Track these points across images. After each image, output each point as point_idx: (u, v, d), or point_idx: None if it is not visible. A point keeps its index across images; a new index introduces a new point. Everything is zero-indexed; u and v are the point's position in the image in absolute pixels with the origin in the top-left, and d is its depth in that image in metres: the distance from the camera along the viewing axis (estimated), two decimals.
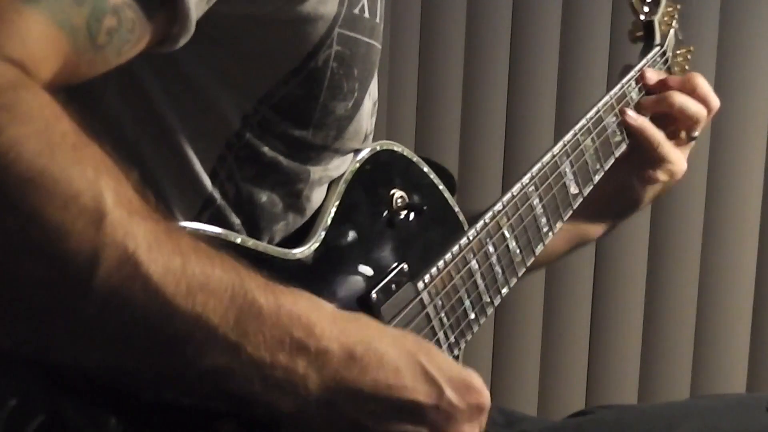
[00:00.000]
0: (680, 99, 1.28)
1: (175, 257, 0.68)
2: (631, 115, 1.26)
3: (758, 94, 2.18)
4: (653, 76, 1.30)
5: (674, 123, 1.30)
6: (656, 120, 1.29)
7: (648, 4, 1.37)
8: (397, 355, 0.78)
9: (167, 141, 0.87)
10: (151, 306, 0.67)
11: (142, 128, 0.86)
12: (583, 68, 2.28)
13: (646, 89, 1.30)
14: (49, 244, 0.63)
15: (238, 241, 0.84)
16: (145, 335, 0.68)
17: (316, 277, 0.90)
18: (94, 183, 0.65)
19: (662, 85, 1.30)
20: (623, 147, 1.27)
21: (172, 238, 0.69)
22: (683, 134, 1.31)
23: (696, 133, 1.32)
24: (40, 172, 0.62)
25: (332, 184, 0.97)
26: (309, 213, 0.96)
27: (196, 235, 0.74)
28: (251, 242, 0.86)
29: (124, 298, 0.66)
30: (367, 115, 1.00)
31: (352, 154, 0.99)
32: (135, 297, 0.66)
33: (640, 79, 1.29)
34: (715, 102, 1.30)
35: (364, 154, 0.98)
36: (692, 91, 1.29)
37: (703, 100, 1.29)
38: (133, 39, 0.72)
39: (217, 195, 0.89)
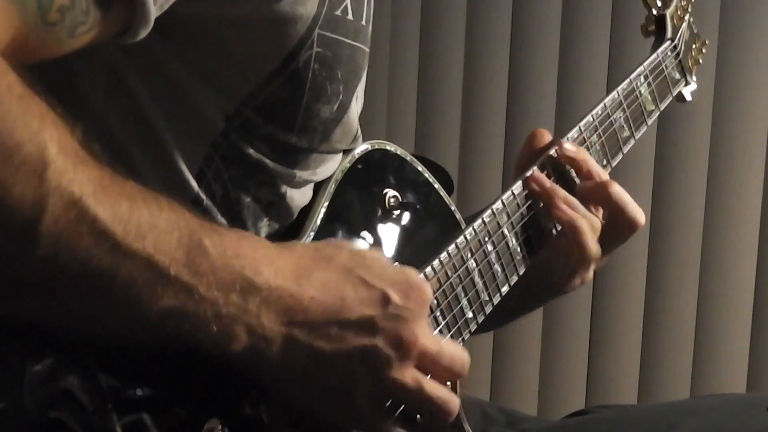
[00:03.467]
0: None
1: (121, 200, 0.69)
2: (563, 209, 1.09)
3: (758, 94, 2.18)
4: (570, 148, 1.12)
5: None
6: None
7: None
8: (337, 276, 0.80)
9: (153, 141, 0.87)
10: (101, 249, 0.68)
11: (129, 129, 0.86)
12: (583, 68, 2.28)
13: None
14: None
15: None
16: (98, 279, 0.69)
17: None
18: (37, 133, 0.66)
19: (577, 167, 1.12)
20: (631, 143, 1.26)
21: (118, 183, 0.70)
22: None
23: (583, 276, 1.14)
24: None
25: (322, 184, 0.97)
26: (293, 213, 0.96)
27: None
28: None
29: (73, 243, 0.67)
30: (355, 118, 0.99)
31: (340, 156, 0.99)
32: (84, 241, 0.67)
33: (559, 148, 1.12)
34: (640, 216, 1.15)
35: (356, 153, 0.98)
36: (605, 199, 1.12)
37: (619, 211, 1.13)
38: (89, 22, 0.72)
39: (203, 196, 0.90)
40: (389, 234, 0.99)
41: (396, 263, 0.96)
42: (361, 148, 0.99)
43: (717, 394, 1.78)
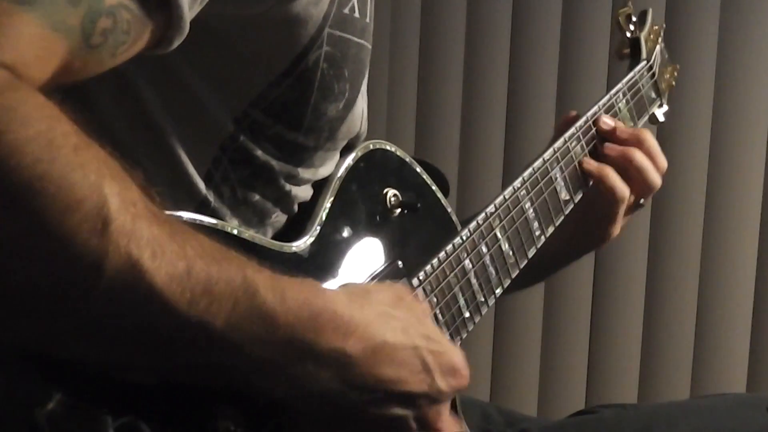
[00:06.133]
0: (640, 159, 1.22)
1: (179, 262, 0.68)
2: (591, 162, 1.21)
3: (758, 94, 2.18)
4: (608, 121, 1.24)
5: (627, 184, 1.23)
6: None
7: (634, 23, 1.39)
8: (404, 346, 0.82)
9: (161, 144, 0.87)
10: (155, 312, 0.68)
11: (136, 132, 0.86)
12: (583, 68, 2.28)
13: (601, 135, 1.24)
14: (52, 249, 0.63)
15: (235, 232, 0.84)
16: (149, 339, 0.69)
17: (311, 270, 0.91)
18: (97, 188, 0.64)
19: (612, 134, 1.24)
20: None
21: (176, 242, 0.69)
22: (632, 198, 1.25)
23: (644, 201, 1.27)
24: (40, 177, 0.62)
25: (324, 180, 0.97)
26: (295, 207, 0.97)
27: (195, 226, 0.75)
28: (247, 234, 0.86)
29: (128, 304, 0.67)
30: (359, 116, 1.00)
31: (338, 156, 0.99)
32: (138, 303, 0.67)
33: (595, 123, 1.23)
34: (664, 162, 1.25)
35: (358, 152, 0.99)
36: (640, 146, 1.24)
37: (651, 156, 1.24)
38: (129, 41, 0.72)
39: (211, 197, 0.90)
40: (389, 232, 0.99)
41: (399, 262, 0.98)
42: (363, 146, 1.00)
43: (717, 394, 1.78)
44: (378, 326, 0.80)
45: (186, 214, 0.82)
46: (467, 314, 1.03)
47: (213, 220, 0.83)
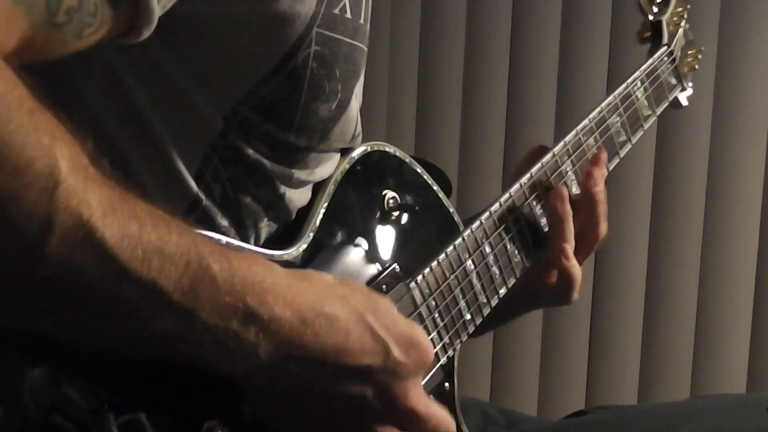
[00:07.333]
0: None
1: (131, 223, 0.69)
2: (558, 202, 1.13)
3: (758, 94, 2.18)
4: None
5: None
6: None
7: (657, 5, 1.36)
8: (346, 317, 0.80)
9: (151, 142, 0.87)
10: (106, 271, 0.67)
11: (127, 130, 0.86)
12: (583, 68, 2.28)
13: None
14: (2, 209, 0.64)
15: (224, 241, 0.84)
16: (100, 300, 0.69)
17: None
18: (48, 150, 0.65)
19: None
20: (628, 147, 1.26)
21: (128, 204, 0.69)
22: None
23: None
24: None
25: (321, 184, 0.97)
26: (292, 213, 0.96)
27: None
28: (236, 244, 0.86)
29: (79, 264, 0.66)
30: (353, 117, 0.99)
31: (338, 156, 0.99)
32: (90, 263, 0.67)
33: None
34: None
35: (355, 154, 0.98)
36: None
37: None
38: (95, 23, 0.72)
39: (202, 196, 0.89)
40: (388, 235, 0.98)
41: (396, 266, 0.97)
42: (360, 149, 0.99)
43: (717, 395, 1.78)
44: (319, 297, 0.79)
45: None
46: (468, 316, 1.02)
47: (206, 233, 0.83)
